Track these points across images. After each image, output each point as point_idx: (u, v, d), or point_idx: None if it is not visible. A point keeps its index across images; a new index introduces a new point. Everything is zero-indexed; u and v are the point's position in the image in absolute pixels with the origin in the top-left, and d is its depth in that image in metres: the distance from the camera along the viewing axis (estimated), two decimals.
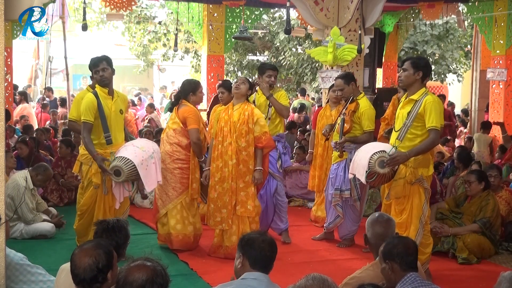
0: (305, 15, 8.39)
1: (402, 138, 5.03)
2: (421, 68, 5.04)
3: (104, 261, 2.83)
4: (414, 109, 4.99)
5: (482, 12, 11.26)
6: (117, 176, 5.31)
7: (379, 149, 5.07)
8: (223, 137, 5.81)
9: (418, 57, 5.37)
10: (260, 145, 5.81)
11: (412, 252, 3.29)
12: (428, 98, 4.97)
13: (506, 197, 6.65)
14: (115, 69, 5.74)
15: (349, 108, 6.29)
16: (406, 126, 5.01)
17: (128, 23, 17.67)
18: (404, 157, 4.92)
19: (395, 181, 5.08)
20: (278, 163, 6.47)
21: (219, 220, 5.81)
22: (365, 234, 3.83)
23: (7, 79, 11.05)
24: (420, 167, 5.04)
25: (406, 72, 5.07)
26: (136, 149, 5.42)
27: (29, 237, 6.45)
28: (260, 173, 5.82)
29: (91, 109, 5.42)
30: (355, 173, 5.31)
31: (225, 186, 5.79)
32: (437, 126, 4.94)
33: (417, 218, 5.04)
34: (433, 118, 4.91)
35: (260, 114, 5.92)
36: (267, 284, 3.17)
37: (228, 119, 5.82)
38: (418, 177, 5.04)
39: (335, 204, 6.37)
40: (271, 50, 18.08)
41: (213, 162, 5.86)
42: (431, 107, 4.92)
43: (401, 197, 5.08)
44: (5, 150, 3.85)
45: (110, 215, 5.44)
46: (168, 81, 24.02)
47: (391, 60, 13.97)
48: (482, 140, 10.53)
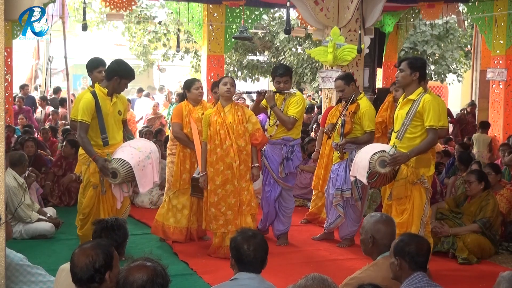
0: (305, 15, 8.38)
1: (401, 137, 5.05)
2: (418, 69, 5.07)
3: (101, 261, 2.82)
4: (412, 108, 5.02)
5: (482, 12, 11.26)
6: (114, 178, 5.30)
7: (379, 149, 5.09)
8: (221, 140, 5.78)
9: (415, 57, 5.35)
10: (256, 141, 5.85)
11: (424, 253, 3.28)
12: (426, 96, 5.00)
13: (507, 195, 6.66)
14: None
15: (350, 109, 6.28)
16: (405, 125, 5.04)
17: (128, 23, 17.66)
18: (405, 157, 4.94)
19: (396, 181, 5.09)
20: (280, 168, 6.26)
21: (222, 223, 5.81)
22: (364, 238, 3.68)
23: (7, 79, 11.06)
24: (421, 167, 5.05)
25: (403, 73, 5.10)
26: (133, 150, 5.39)
27: (29, 237, 6.45)
28: (258, 170, 5.92)
29: (88, 109, 5.36)
30: (356, 175, 5.31)
31: (228, 188, 5.78)
32: (435, 126, 4.96)
33: (418, 218, 5.06)
34: (432, 117, 4.94)
35: (250, 111, 6.00)
36: (258, 284, 3.21)
37: (222, 121, 5.80)
38: (420, 177, 5.05)
39: (336, 204, 6.35)
40: (271, 50, 18.09)
41: (211, 166, 5.82)
42: (429, 106, 4.95)
43: (403, 198, 5.09)
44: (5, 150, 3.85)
45: (112, 215, 5.41)
46: (168, 81, 24.00)
47: (391, 60, 13.96)
48: (482, 140, 10.54)
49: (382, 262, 3.53)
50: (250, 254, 3.24)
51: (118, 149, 5.47)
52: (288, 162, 6.27)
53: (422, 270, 3.23)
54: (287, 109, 6.22)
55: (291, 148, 6.29)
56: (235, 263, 3.31)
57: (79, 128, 5.40)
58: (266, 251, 3.32)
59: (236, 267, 3.30)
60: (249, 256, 3.24)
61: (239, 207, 5.80)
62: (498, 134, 11.09)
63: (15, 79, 13.32)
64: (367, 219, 3.73)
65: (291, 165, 6.30)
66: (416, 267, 3.22)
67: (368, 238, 3.62)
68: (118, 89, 5.53)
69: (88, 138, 5.38)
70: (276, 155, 6.25)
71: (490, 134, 10.93)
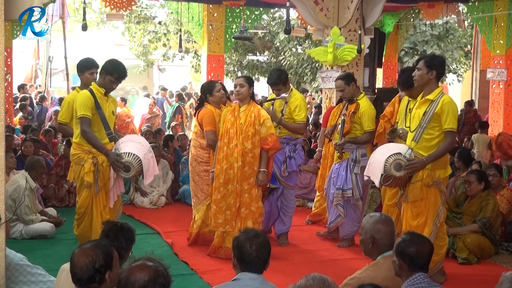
0: (305, 15, 8.38)
1: (418, 139, 4.95)
2: (435, 67, 4.94)
3: (101, 261, 2.82)
4: (430, 109, 4.90)
5: (482, 12, 11.26)
6: (127, 172, 5.31)
7: (395, 151, 4.95)
8: (229, 139, 5.78)
9: (432, 55, 5.20)
10: (266, 146, 5.77)
11: (425, 255, 3.26)
12: (445, 98, 4.89)
13: (507, 195, 6.66)
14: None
15: (350, 109, 6.28)
16: (421, 127, 4.93)
17: (128, 23, 17.66)
18: (422, 164, 4.84)
19: (412, 184, 4.97)
20: (283, 166, 6.33)
21: (221, 222, 5.80)
22: (363, 239, 3.65)
23: (7, 79, 11.06)
24: (437, 168, 4.95)
25: (419, 72, 4.98)
26: (137, 145, 5.42)
27: (29, 237, 6.45)
28: (264, 175, 5.79)
29: (88, 104, 5.28)
30: (370, 175, 5.18)
31: (229, 188, 5.77)
32: (453, 128, 4.86)
33: (431, 221, 4.98)
34: (450, 119, 4.83)
35: (267, 115, 5.86)
36: (260, 284, 3.20)
37: (234, 121, 5.80)
38: (436, 180, 4.94)
39: (336, 203, 6.37)
40: (271, 50, 18.09)
41: (218, 164, 5.83)
42: (448, 108, 4.83)
43: (418, 200, 4.98)
44: (5, 150, 3.85)
45: (105, 214, 5.40)
46: (168, 81, 24.00)
47: (391, 60, 13.97)
48: (481, 140, 10.52)
49: (382, 262, 3.53)
50: (252, 253, 3.23)
51: (120, 144, 5.42)
52: (290, 160, 6.34)
53: (423, 270, 3.23)
54: (290, 113, 6.32)
55: (293, 146, 6.39)
56: (237, 263, 3.29)
57: (82, 124, 5.29)
58: (268, 251, 3.30)
59: (238, 267, 3.28)
60: (251, 256, 3.23)
61: (238, 209, 5.77)
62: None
63: (15, 79, 13.32)
64: (366, 220, 3.70)
65: (294, 164, 6.38)
66: (416, 268, 3.21)
67: (368, 238, 3.60)
68: (104, 86, 5.43)
69: (92, 132, 5.31)
70: (279, 154, 6.24)
71: (490, 134, 10.92)
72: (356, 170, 6.29)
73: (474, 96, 14.56)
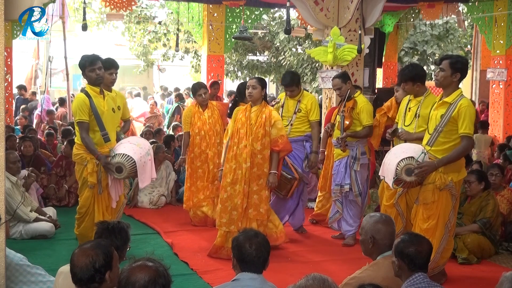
0: (305, 15, 8.38)
1: (433, 143, 4.89)
2: (460, 70, 4.82)
3: (101, 261, 2.82)
4: (447, 113, 4.81)
5: (482, 12, 11.27)
6: (119, 173, 5.29)
7: (408, 155, 4.90)
8: (239, 139, 5.78)
9: (458, 56, 4.98)
10: (276, 148, 5.78)
11: (424, 254, 3.26)
12: (463, 101, 4.78)
13: (508, 196, 6.67)
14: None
15: (347, 106, 6.41)
16: (437, 131, 4.86)
17: (128, 23, 17.65)
18: (433, 167, 4.80)
19: (424, 186, 4.93)
20: (304, 163, 6.62)
21: (225, 221, 5.79)
22: (363, 239, 3.66)
23: (7, 79, 11.06)
24: (450, 171, 4.88)
25: (443, 73, 4.84)
26: (133, 146, 5.40)
27: (29, 237, 6.45)
28: (275, 177, 5.80)
29: (83, 108, 5.30)
30: (384, 176, 5.18)
31: (236, 188, 5.75)
32: (470, 133, 4.78)
33: (443, 224, 4.95)
34: (467, 124, 4.74)
35: (278, 116, 5.91)
36: (260, 284, 3.20)
37: (245, 121, 5.79)
38: (448, 183, 4.88)
39: (335, 199, 6.54)
40: (271, 50, 18.07)
41: (227, 163, 5.83)
42: (465, 112, 4.74)
43: (429, 203, 4.93)
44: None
45: (108, 215, 5.42)
46: (168, 81, 23.98)
47: (391, 60, 13.97)
48: (483, 140, 10.51)
49: (382, 262, 3.53)
50: (252, 253, 3.23)
51: (118, 145, 5.44)
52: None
53: (423, 270, 3.23)
54: (306, 112, 6.64)
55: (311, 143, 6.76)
56: (237, 263, 3.29)
57: (80, 129, 5.35)
58: (268, 251, 3.30)
59: (238, 267, 3.28)
60: (251, 255, 3.22)
61: (245, 210, 5.76)
62: (498, 134, 11.09)
63: (15, 79, 13.32)
64: (366, 220, 3.70)
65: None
66: (415, 268, 3.21)
67: (368, 238, 3.60)
68: (94, 82, 5.35)
69: (89, 137, 5.35)
70: (299, 152, 6.54)
71: (490, 134, 10.91)
72: (355, 167, 6.42)
73: (474, 96, 14.55)
